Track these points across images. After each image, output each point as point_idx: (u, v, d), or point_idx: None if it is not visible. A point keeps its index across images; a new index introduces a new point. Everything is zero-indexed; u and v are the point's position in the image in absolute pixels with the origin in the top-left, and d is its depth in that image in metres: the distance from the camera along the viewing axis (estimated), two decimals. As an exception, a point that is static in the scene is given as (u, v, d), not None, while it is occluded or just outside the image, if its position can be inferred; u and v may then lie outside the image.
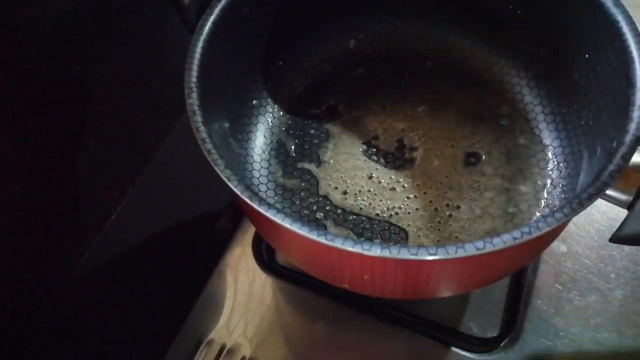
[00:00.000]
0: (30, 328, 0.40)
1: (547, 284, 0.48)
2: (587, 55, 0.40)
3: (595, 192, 0.31)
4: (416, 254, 0.29)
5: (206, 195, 0.52)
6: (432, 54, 0.51)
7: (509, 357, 0.45)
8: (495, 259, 0.33)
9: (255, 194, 0.32)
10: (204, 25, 0.38)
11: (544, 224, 0.30)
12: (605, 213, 0.50)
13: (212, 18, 0.39)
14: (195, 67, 0.37)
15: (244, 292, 0.50)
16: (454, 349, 0.46)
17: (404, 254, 0.29)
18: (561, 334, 0.46)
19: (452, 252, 0.29)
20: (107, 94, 0.41)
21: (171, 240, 0.51)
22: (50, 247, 0.40)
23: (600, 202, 0.32)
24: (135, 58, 0.43)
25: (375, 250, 0.29)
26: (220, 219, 0.53)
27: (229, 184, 0.32)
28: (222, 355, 0.47)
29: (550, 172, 0.45)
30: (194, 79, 0.36)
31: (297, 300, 0.50)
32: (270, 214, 0.31)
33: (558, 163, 0.45)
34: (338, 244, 0.29)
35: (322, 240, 0.29)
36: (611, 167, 0.31)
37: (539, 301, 0.47)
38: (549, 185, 0.44)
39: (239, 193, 0.32)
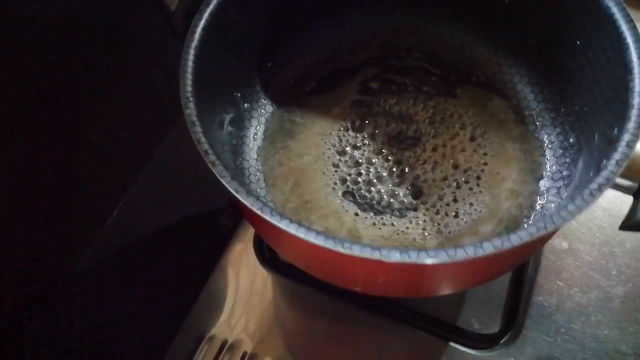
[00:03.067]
0: (31, 326, 0.40)
1: (549, 281, 0.48)
2: (578, 42, 0.40)
3: (604, 182, 0.31)
4: (435, 257, 0.29)
5: (207, 192, 0.52)
6: (425, 48, 0.51)
7: (510, 353, 0.45)
8: (508, 255, 0.33)
9: (265, 205, 0.31)
10: (194, 32, 0.37)
11: (558, 218, 0.30)
12: (607, 210, 0.50)
13: (201, 24, 0.38)
14: (189, 77, 0.36)
15: (245, 288, 0.50)
16: (454, 345, 0.46)
17: (423, 257, 0.28)
18: (562, 330, 0.46)
19: (470, 253, 0.29)
20: (108, 93, 0.41)
21: (172, 238, 0.51)
22: (50, 245, 0.40)
23: (601, 199, 0.32)
24: (137, 57, 0.43)
25: (394, 256, 0.28)
26: (221, 216, 0.53)
27: (237, 196, 0.31)
28: (224, 351, 0.47)
29: (549, 161, 0.45)
30: (189, 89, 0.35)
31: (298, 297, 0.49)
32: (283, 225, 0.30)
33: (554, 150, 0.45)
34: (356, 251, 0.29)
35: (339, 249, 0.29)
36: (617, 156, 0.31)
37: (540, 298, 0.47)
38: (547, 172, 0.44)
39: (248, 205, 0.31)
